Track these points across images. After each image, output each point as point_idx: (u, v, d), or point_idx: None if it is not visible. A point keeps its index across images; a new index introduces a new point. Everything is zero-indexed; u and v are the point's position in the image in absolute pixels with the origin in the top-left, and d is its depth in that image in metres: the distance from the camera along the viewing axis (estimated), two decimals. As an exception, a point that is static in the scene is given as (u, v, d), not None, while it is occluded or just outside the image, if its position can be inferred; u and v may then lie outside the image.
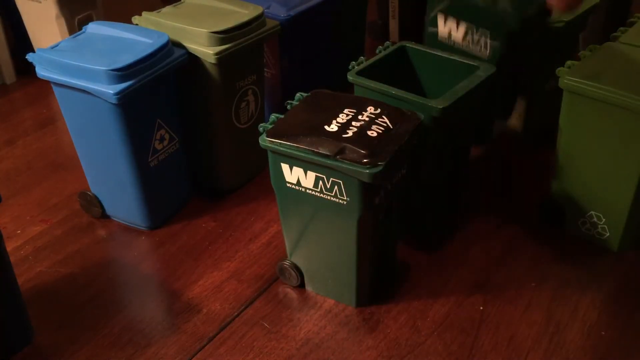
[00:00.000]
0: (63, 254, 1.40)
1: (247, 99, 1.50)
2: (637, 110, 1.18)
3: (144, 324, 1.23)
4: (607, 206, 1.32)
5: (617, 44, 1.35)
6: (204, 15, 1.44)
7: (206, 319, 1.24)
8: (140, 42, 1.32)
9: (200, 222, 1.49)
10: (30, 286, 1.31)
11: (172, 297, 1.30)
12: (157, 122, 1.37)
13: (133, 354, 1.17)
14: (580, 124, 1.29)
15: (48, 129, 1.86)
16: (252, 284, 1.31)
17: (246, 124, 1.53)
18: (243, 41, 1.40)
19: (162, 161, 1.41)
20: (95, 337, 1.20)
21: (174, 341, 1.19)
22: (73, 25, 1.91)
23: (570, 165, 1.35)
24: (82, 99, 1.29)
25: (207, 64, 1.38)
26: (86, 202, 1.50)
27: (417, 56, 1.38)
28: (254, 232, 1.45)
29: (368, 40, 2.02)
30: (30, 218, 1.51)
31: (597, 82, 1.22)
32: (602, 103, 1.22)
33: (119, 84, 1.24)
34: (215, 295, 1.29)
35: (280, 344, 1.18)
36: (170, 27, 1.40)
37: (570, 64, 1.28)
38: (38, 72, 1.32)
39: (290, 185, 1.15)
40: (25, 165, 1.71)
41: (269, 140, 1.12)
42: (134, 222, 1.46)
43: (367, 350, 1.17)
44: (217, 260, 1.38)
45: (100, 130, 1.33)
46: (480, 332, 1.19)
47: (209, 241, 1.43)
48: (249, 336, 1.20)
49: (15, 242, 1.43)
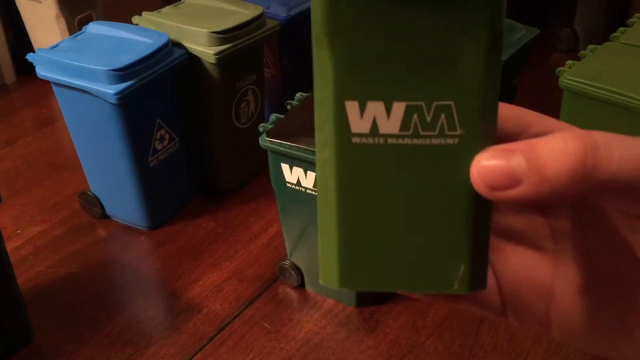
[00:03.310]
0: (63, 254, 1.40)
1: (247, 99, 1.50)
2: (637, 110, 1.18)
3: (144, 324, 1.23)
4: (607, 206, 1.32)
5: (617, 44, 1.35)
6: (204, 15, 1.44)
7: (206, 319, 1.24)
8: (140, 42, 1.32)
9: (200, 222, 1.49)
10: (30, 286, 1.31)
11: (172, 297, 1.30)
12: (157, 122, 1.37)
13: (133, 354, 1.17)
14: (580, 124, 1.28)
15: (48, 129, 1.86)
16: (252, 284, 1.31)
17: (246, 124, 1.53)
18: (243, 41, 1.40)
19: (162, 161, 1.41)
20: (95, 337, 1.20)
21: (174, 341, 1.19)
22: (73, 25, 1.91)
23: (570, 165, 1.34)
24: (82, 99, 1.29)
25: (207, 64, 1.38)
26: (86, 202, 1.50)
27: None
28: (254, 232, 1.45)
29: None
30: (30, 218, 1.51)
31: (597, 82, 1.22)
32: (602, 103, 1.22)
33: (119, 84, 1.24)
34: (215, 295, 1.29)
35: (280, 344, 1.18)
36: (170, 27, 1.40)
37: (570, 63, 1.28)
38: (38, 72, 1.32)
39: (290, 185, 1.15)
40: (25, 165, 1.71)
41: (269, 140, 1.12)
42: (134, 222, 1.46)
43: (367, 350, 1.17)
44: (217, 260, 1.38)
45: (100, 130, 1.33)
46: (480, 332, 1.19)
47: (209, 241, 1.43)
48: (249, 336, 1.20)
49: (15, 242, 1.43)
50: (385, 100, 0.26)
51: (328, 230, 0.28)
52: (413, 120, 0.26)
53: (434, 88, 0.26)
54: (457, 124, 0.26)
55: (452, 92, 0.26)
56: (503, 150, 0.26)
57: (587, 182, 0.24)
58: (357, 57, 0.26)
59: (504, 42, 0.27)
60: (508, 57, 1.31)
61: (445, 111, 0.26)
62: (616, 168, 0.24)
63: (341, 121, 0.26)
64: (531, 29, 1.44)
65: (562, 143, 0.24)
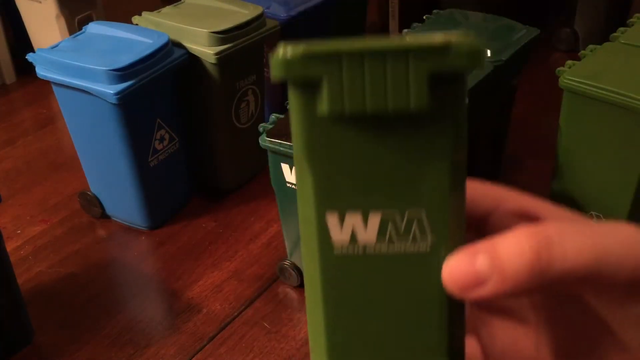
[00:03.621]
0: (63, 254, 1.40)
1: (247, 99, 1.50)
2: (637, 110, 1.18)
3: (144, 324, 1.23)
4: (607, 207, 1.32)
5: (617, 44, 1.35)
6: (204, 15, 1.44)
7: (206, 319, 1.24)
8: (140, 42, 1.32)
9: (200, 222, 1.49)
10: (30, 286, 1.31)
11: (172, 297, 1.30)
12: (157, 122, 1.37)
13: (133, 354, 1.17)
14: (580, 124, 1.29)
15: (48, 129, 1.86)
16: (252, 284, 1.31)
17: (246, 124, 1.53)
18: (243, 41, 1.40)
19: (162, 161, 1.41)
20: (95, 337, 1.20)
21: (174, 341, 1.19)
22: (73, 25, 1.91)
23: (569, 165, 1.35)
24: (82, 99, 1.29)
25: (207, 64, 1.38)
26: (86, 202, 1.50)
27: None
28: (254, 232, 1.45)
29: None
30: (30, 218, 1.51)
31: (597, 82, 1.22)
32: (602, 103, 1.22)
33: (119, 84, 1.24)
34: (215, 295, 1.29)
35: (280, 344, 1.18)
36: (170, 27, 1.40)
37: (570, 63, 1.28)
38: (38, 72, 1.32)
39: (290, 185, 1.15)
40: (25, 165, 1.71)
41: (269, 140, 1.12)
42: (134, 222, 1.46)
43: (367, 350, 1.17)
44: (217, 260, 1.38)
45: (100, 130, 1.33)
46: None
47: (209, 241, 1.43)
48: (249, 336, 1.20)
49: (15, 242, 1.43)
50: (362, 211, 0.29)
51: (317, 332, 0.31)
52: (388, 229, 0.29)
53: (405, 199, 0.29)
54: (428, 231, 0.29)
55: (422, 201, 0.29)
56: (469, 253, 0.28)
57: (545, 279, 0.26)
58: (334, 174, 0.29)
59: (466, 150, 0.30)
60: (508, 57, 1.31)
61: (416, 219, 0.29)
62: (570, 263, 0.26)
63: (323, 233, 0.29)
64: (531, 29, 1.44)
65: (517, 243, 0.26)
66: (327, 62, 0.27)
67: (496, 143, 1.56)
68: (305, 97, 0.28)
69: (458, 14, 1.51)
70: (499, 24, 1.46)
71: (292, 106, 0.28)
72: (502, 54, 1.31)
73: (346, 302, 0.30)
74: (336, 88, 0.27)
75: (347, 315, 0.30)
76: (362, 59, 0.27)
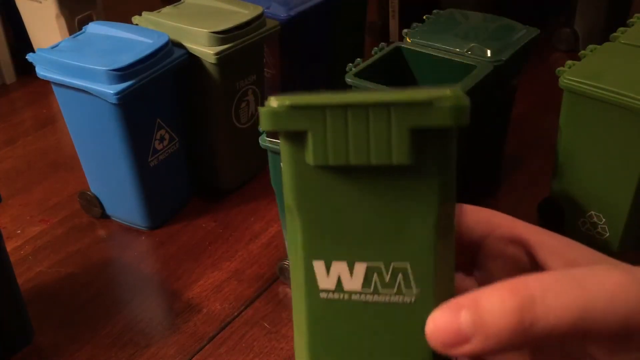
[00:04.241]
0: (63, 254, 1.40)
1: (247, 99, 1.50)
2: (637, 111, 1.18)
3: (144, 324, 1.23)
4: (607, 206, 1.32)
5: (617, 44, 1.35)
6: (204, 15, 1.44)
7: (206, 319, 1.24)
8: (140, 42, 1.32)
9: (200, 222, 1.49)
10: (30, 286, 1.31)
11: (172, 297, 1.30)
12: (157, 122, 1.37)
13: (133, 354, 1.17)
14: (580, 124, 1.29)
15: (48, 129, 1.86)
16: (252, 284, 1.31)
17: (246, 124, 1.53)
18: (243, 41, 1.40)
19: (162, 161, 1.42)
20: (96, 337, 1.20)
21: (174, 341, 1.19)
22: (73, 25, 1.91)
23: (569, 165, 1.35)
24: (82, 99, 1.29)
25: (207, 64, 1.38)
26: (86, 202, 1.50)
27: (412, 57, 1.38)
28: (254, 232, 1.45)
29: (368, 41, 2.02)
30: (30, 218, 1.51)
31: (597, 82, 1.22)
32: (602, 103, 1.22)
33: (119, 84, 1.24)
34: (215, 295, 1.29)
35: (280, 344, 1.18)
36: (170, 27, 1.40)
37: (570, 63, 1.28)
38: (38, 72, 1.32)
39: (290, 185, 1.15)
40: (25, 165, 1.71)
41: (269, 140, 1.12)
42: (134, 222, 1.46)
43: (367, 350, 1.17)
44: (217, 260, 1.38)
45: (100, 130, 1.33)
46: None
47: (209, 241, 1.43)
48: (249, 336, 1.20)
49: (15, 242, 1.43)
50: (347, 260, 0.29)
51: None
52: (373, 279, 0.29)
53: (390, 251, 0.29)
54: (413, 284, 0.29)
55: (407, 255, 0.29)
56: (452, 309, 0.27)
57: (528, 338, 0.26)
58: (322, 223, 0.29)
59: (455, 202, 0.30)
60: (508, 57, 1.31)
61: (402, 272, 0.29)
62: (554, 321, 0.26)
63: (310, 278, 0.30)
64: (531, 29, 1.44)
65: (501, 302, 0.26)
66: (311, 115, 0.27)
67: (496, 143, 1.56)
68: (294, 147, 0.28)
69: (458, 14, 1.51)
70: (499, 24, 1.46)
71: (283, 154, 0.29)
72: (502, 54, 1.31)
73: (330, 346, 0.30)
74: (320, 141, 0.27)
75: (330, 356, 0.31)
76: (345, 113, 0.27)
